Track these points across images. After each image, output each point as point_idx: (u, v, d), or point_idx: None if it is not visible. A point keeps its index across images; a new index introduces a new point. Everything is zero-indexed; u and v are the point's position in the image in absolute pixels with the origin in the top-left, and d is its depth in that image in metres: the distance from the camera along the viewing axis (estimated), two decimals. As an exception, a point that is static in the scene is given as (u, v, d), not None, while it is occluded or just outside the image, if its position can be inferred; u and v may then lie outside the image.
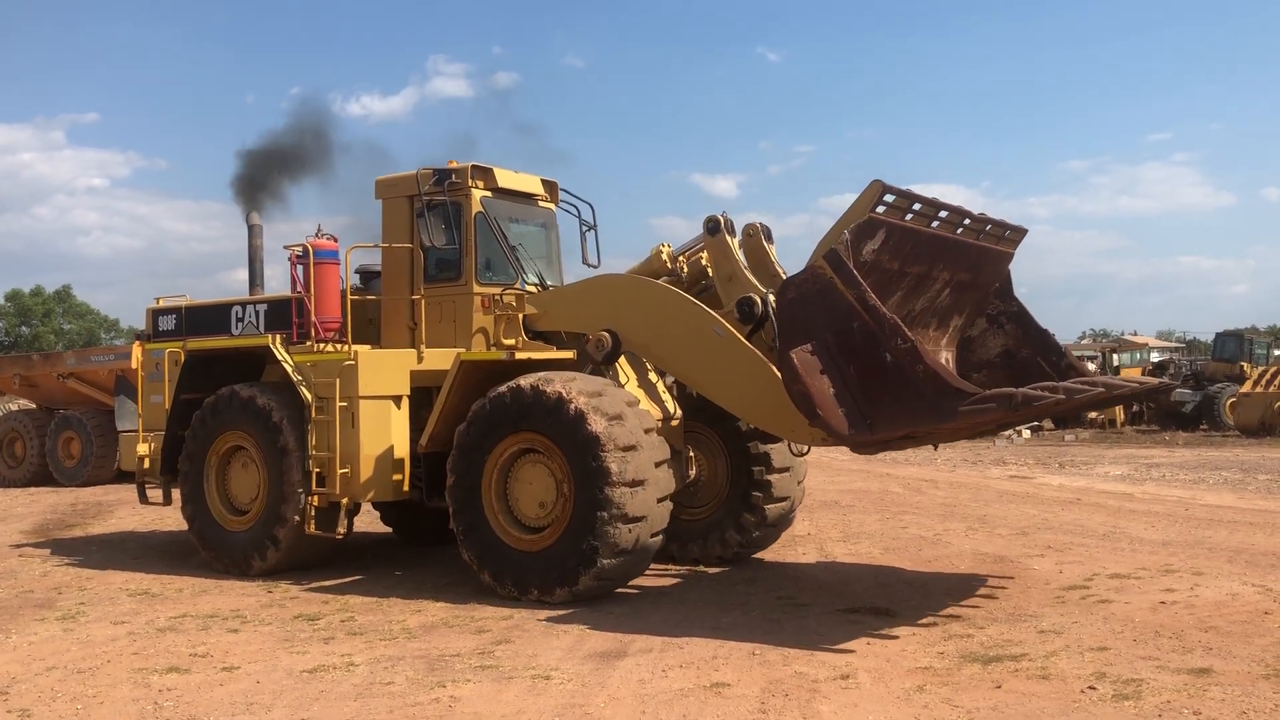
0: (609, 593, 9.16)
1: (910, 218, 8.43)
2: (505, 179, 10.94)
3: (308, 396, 10.26)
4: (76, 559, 12.03)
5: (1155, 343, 50.35)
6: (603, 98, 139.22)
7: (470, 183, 10.56)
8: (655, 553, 9.41)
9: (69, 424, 21.12)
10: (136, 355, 17.76)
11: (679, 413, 10.56)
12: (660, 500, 9.06)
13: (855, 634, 7.84)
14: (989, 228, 9.42)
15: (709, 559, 10.87)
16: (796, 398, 7.74)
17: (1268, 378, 30.26)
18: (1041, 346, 9.89)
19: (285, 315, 11.22)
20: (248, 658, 7.55)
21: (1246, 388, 30.85)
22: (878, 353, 7.55)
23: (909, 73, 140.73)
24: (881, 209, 8.08)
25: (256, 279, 13.14)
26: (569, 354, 10.15)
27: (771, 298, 9.30)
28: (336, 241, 11.15)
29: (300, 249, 11.00)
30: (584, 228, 11.75)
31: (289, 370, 10.51)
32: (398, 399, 10.25)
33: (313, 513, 10.19)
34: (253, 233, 13.54)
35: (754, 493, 10.73)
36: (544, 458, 9.20)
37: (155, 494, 11.97)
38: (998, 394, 7.38)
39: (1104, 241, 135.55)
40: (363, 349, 10.47)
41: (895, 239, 8.19)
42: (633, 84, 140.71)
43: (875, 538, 12.54)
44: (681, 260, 10.47)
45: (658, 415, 9.91)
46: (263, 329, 11.49)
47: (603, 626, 8.24)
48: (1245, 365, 34.72)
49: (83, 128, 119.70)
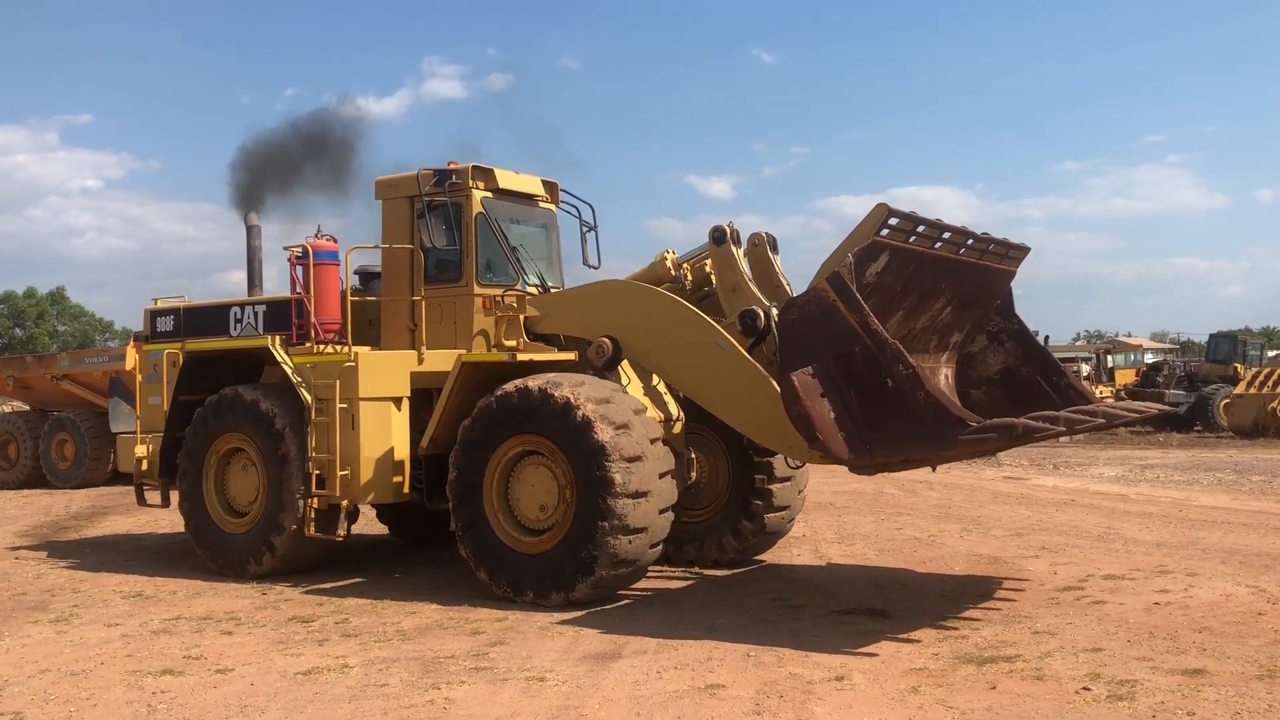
0: (605, 600, 9.15)
1: (914, 240, 8.39)
2: (506, 180, 10.91)
3: (307, 398, 10.24)
4: (70, 561, 12.00)
5: (1150, 344, 50.48)
6: (597, 100, 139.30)
7: (471, 183, 10.53)
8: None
9: (63, 426, 21.04)
10: (131, 357, 17.75)
11: (681, 414, 10.52)
12: (662, 512, 9.03)
13: (850, 635, 7.85)
14: (991, 247, 9.40)
15: (705, 562, 10.85)
16: (796, 420, 7.72)
17: (1261, 379, 30.33)
18: (1042, 365, 9.85)
19: (284, 316, 11.19)
20: (242, 660, 7.54)
21: (1240, 389, 30.90)
22: (879, 377, 7.54)
23: (904, 75, 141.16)
24: (885, 231, 8.04)
25: (255, 280, 13.12)
26: (571, 355, 10.11)
27: (774, 310, 9.28)
28: (336, 242, 11.15)
29: (300, 250, 10.99)
30: (584, 229, 11.72)
31: (289, 372, 10.48)
32: (398, 400, 10.22)
33: (312, 515, 10.16)
34: (251, 233, 13.50)
35: (754, 500, 10.69)
36: (547, 461, 9.16)
37: (153, 496, 11.93)
38: (999, 424, 7.37)
39: (1098, 243, 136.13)
40: (363, 350, 10.45)
41: (899, 261, 8.18)
42: (627, 86, 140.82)
43: (870, 539, 12.54)
44: (685, 268, 10.44)
45: (660, 418, 9.89)
46: (261, 330, 11.46)
47: (597, 628, 8.24)
48: (1239, 366, 34.72)
49: (76, 129, 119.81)
